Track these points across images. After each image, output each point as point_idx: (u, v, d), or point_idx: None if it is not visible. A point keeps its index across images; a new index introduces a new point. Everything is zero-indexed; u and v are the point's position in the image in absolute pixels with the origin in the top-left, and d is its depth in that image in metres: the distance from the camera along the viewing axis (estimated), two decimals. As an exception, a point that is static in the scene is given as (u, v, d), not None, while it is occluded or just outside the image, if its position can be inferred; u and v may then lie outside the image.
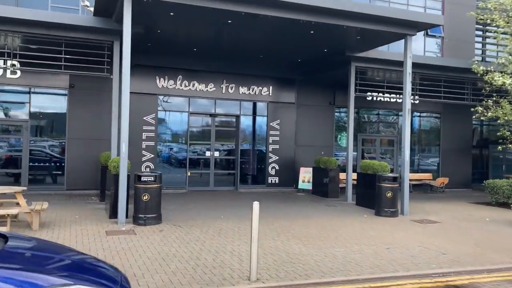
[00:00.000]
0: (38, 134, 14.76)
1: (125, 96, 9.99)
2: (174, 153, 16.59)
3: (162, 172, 16.03)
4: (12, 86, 14.22)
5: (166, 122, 16.26)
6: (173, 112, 16.26)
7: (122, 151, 9.81)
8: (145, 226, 9.61)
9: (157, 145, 15.86)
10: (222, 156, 17.06)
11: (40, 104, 14.64)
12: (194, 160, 16.75)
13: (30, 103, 14.43)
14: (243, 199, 14.62)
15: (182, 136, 16.58)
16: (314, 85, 17.80)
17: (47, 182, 14.78)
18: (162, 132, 16.28)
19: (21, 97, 14.42)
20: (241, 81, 16.69)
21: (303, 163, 17.37)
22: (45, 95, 14.75)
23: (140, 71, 15.43)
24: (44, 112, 14.75)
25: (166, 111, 16.09)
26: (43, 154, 14.70)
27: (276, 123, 17.31)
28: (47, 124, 14.83)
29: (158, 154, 16.10)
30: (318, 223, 10.67)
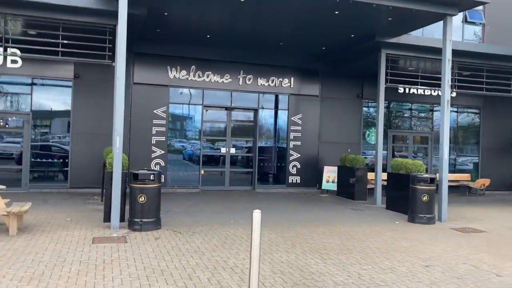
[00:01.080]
0: (41, 128, 13.77)
1: (120, 83, 8.79)
2: (187, 150, 15.36)
3: (173, 170, 15.03)
4: (13, 76, 13.27)
5: (178, 115, 15.04)
6: (186, 105, 15.03)
7: (116, 145, 8.61)
8: (141, 231, 8.39)
9: (168, 140, 14.67)
10: (239, 153, 15.75)
11: (43, 96, 13.65)
12: (208, 157, 15.49)
13: (32, 94, 13.45)
14: (260, 200, 13.26)
15: (195, 131, 15.34)
16: (340, 76, 16.27)
17: (50, 179, 13.80)
18: (174, 126, 15.07)
19: (22, 88, 13.45)
20: (259, 71, 15.33)
21: (328, 161, 15.89)
22: (48, 86, 13.74)
23: (149, 60, 14.27)
24: (47, 104, 13.75)
25: (178, 104, 14.87)
26: (45, 150, 13.71)
27: (298, 117, 15.87)
28: (50, 118, 13.82)
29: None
30: (341, 231, 9.21)
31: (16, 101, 13.38)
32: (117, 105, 8.70)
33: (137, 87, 14.19)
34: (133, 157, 13.99)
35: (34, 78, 13.43)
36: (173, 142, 15.07)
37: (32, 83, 13.45)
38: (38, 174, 13.60)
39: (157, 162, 14.32)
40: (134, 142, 14.11)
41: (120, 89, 8.72)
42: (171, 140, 14.96)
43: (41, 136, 13.77)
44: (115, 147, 8.60)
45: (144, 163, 14.09)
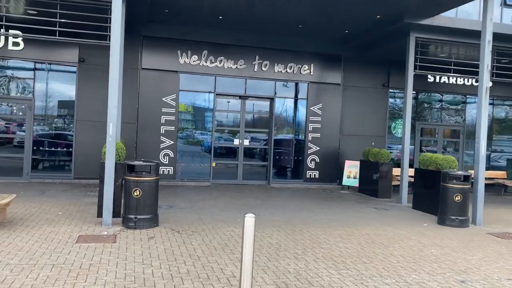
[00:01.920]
0: (44, 115, 13.05)
1: (114, 62, 7.85)
2: (197, 141, 14.45)
3: (183, 162, 14.15)
4: (15, 60, 12.57)
5: (188, 104, 14.12)
6: (197, 93, 14.09)
7: (109, 133, 7.71)
8: (135, 229, 7.50)
9: (178, 130, 13.76)
10: (253, 145, 14.75)
11: (46, 81, 12.90)
12: (220, 149, 14.55)
13: (35, 79, 12.73)
14: (273, 196, 12.26)
15: (206, 120, 14.40)
16: (364, 63, 15.05)
17: (53, 169, 13.08)
18: (184, 116, 14.16)
19: (24, 73, 12.74)
20: (276, 57, 14.25)
21: (349, 155, 14.76)
22: (52, 71, 12.98)
23: (158, 44, 13.37)
24: (51, 90, 13.01)
25: (189, 92, 13.94)
26: (48, 138, 12.99)
27: (317, 107, 14.75)
28: (53, 104, 13.09)
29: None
30: (362, 234, 8.13)
31: (18, 86, 12.68)
32: (111, 87, 7.79)
33: (145, 72, 13.32)
34: (140, 148, 13.18)
35: (37, 63, 12.70)
36: (183, 132, 14.16)
37: (34, 68, 12.72)
38: (40, 164, 12.90)
39: (166, 153, 13.45)
40: (142, 131, 13.28)
41: (114, 69, 7.80)
42: (181, 130, 14.05)
43: (44, 124, 13.05)
44: (108, 134, 7.70)
45: (152, 154, 13.25)
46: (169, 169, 13.46)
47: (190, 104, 14.14)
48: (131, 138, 13.16)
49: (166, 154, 13.45)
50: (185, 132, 14.21)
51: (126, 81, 12.93)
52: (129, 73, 13.09)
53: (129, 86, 13.11)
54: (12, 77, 12.65)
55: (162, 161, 13.39)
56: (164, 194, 11.53)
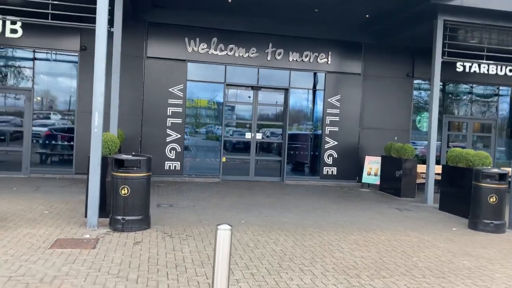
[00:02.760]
0: (43, 106, 12.38)
1: (100, 47, 7.02)
2: (207, 134, 13.59)
3: (191, 156, 13.32)
4: (13, 47, 11.92)
5: (196, 95, 13.24)
6: (206, 84, 13.20)
7: (94, 124, 6.88)
8: (122, 232, 6.67)
9: (186, 123, 12.91)
10: (266, 139, 13.79)
11: (46, 70, 12.22)
12: (231, 143, 13.65)
13: (34, 68, 12.05)
14: (286, 194, 11.30)
15: (216, 113, 13.52)
16: (386, 51, 13.89)
17: (54, 164, 12.43)
18: (192, 107, 13.28)
19: (23, 61, 12.09)
20: (291, 45, 13.23)
21: (370, 150, 13.66)
22: (52, 60, 12.28)
23: (165, 31, 12.53)
24: (51, 79, 12.33)
25: (197, 82, 13.06)
26: (49, 130, 12.32)
27: (335, 99, 13.68)
28: (53, 95, 12.40)
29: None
30: (381, 240, 7.11)
31: (16, 76, 12.03)
32: (97, 72, 6.96)
33: (151, 61, 12.50)
34: (145, 141, 12.41)
35: (36, 51, 12.01)
36: (191, 125, 13.31)
37: (34, 58, 12.04)
38: (40, 158, 12.24)
39: (173, 147, 12.62)
40: (147, 124, 12.48)
41: (100, 51, 6.98)
42: (189, 123, 13.20)
43: (44, 115, 12.39)
44: (93, 125, 6.88)
45: (158, 148, 12.45)
46: (175, 164, 12.65)
47: (199, 95, 13.26)
48: (135, 131, 12.39)
49: (172, 148, 12.62)
50: (193, 125, 13.35)
51: (130, 70, 12.20)
52: (134, 62, 12.31)
53: (134, 76, 12.34)
54: (9, 67, 12.00)
55: (169, 156, 12.58)
56: (168, 191, 10.71)
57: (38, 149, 12.17)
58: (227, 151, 13.38)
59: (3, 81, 11.94)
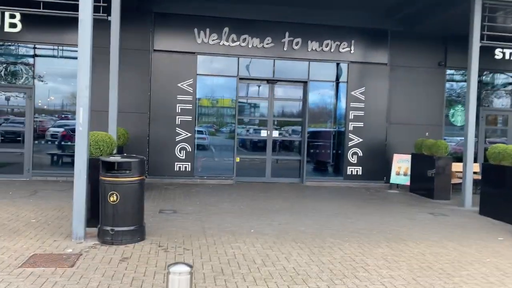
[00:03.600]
0: (45, 105, 11.67)
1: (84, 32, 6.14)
2: (219, 132, 12.65)
3: (203, 156, 12.41)
4: (12, 42, 11.25)
5: (207, 90, 12.30)
6: (217, 77, 12.26)
7: (78, 121, 6.01)
8: (112, 245, 5.78)
9: (196, 121, 12.00)
10: (284, 137, 12.75)
11: (48, 67, 11.49)
12: (245, 142, 12.69)
13: (35, 65, 11.35)
14: (306, 197, 10.26)
15: (228, 109, 12.56)
16: (415, 39, 12.65)
17: (56, 166, 11.70)
18: (203, 104, 12.35)
19: (23, 57, 11.41)
20: (310, 33, 12.15)
21: (398, 148, 12.47)
22: (53, 55, 11.57)
23: (172, 22, 11.65)
24: (53, 76, 11.60)
25: (208, 76, 12.13)
26: (51, 130, 11.62)
27: (359, 92, 12.54)
28: (56, 92, 11.68)
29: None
30: (414, 253, 6.01)
31: (16, 72, 11.35)
32: (82, 62, 6.08)
33: (158, 55, 11.64)
34: (153, 141, 11.58)
35: (37, 47, 11.32)
36: (202, 123, 12.39)
37: (34, 54, 11.35)
38: (41, 160, 11.53)
39: (183, 147, 11.73)
40: (155, 122, 11.63)
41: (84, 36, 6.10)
42: (199, 121, 12.28)
43: (46, 115, 11.68)
44: (77, 123, 6.00)
45: (167, 148, 11.61)
46: (186, 165, 11.76)
47: (210, 91, 12.33)
48: (142, 130, 11.56)
49: (182, 148, 11.74)
50: (204, 123, 12.43)
51: (136, 65, 11.41)
52: (139, 56, 11.49)
53: (140, 70, 11.52)
54: (9, 63, 11.32)
55: (179, 156, 11.71)
56: (175, 194, 9.83)
57: (40, 151, 11.46)
58: (241, 150, 12.42)
59: (2, 78, 11.27)
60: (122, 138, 9.39)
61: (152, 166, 11.58)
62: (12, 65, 11.32)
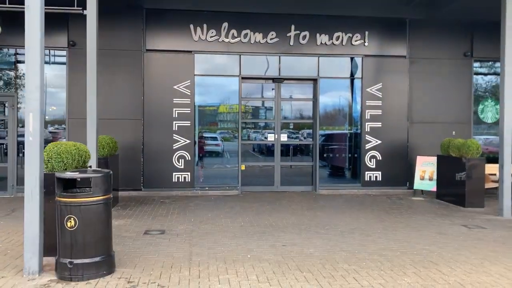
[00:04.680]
0: (30, 114, 10.71)
1: (32, 27, 5.07)
2: (220, 138, 11.51)
3: (204, 165, 11.28)
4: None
5: (206, 92, 11.19)
6: (217, 78, 11.13)
7: (27, 129, 4.92)
8: (71, 281, 4.67)
9: (195, 126, 10.90)
10: (293, 141, 11.53)
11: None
12: (250, 148, 11.52)
13: (16, 70, 10.42)
14: (318, 209, 9.02)
15: (230, 112, 11.42)
16: (437, 27, 11.35)
17: (45, 180, 10.70)
18: (202, 107, 11.23)
19: (3, 62, 10.48)
20: (319, 25, 10.96)
21: (422, 149, 11.16)
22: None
23: (166, 18, 10.60)
24: (38, 83, 10.64)
25: (206, 76, 11.02)
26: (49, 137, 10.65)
27: (376, 88, 11.26)
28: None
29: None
30: (450, 283, 4.72)
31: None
32: (30, 58, 5.00)
33: (151, 55, 10.59)
34: (148, 149, 10.53)
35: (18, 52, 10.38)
36: (202, 128, 11.27)
37: (16, 61, 10.41)
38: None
39: (181, 155, 10.63)
40: (149, 129, 10.57)
41: (32, 25, 5.02)
42: (199, 126, 11.17)
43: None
44: (27, 132, 4.91)
45: (164, 156, 10.54)
46: (185, 176, 10.65)
47: (209, 92, 11.21)
48: (136, 138, 10.50)
49: (181, 156, 10.64)
50: (204, 128, 11.31)
51: (127, 66, 10.41)
52: (130, 57, 10.48)
53: (131, 73, 10.49)
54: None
55: (177, 165, 10.61)
56: (170, 209, 8.71)
57: (26, 164, 10.48)
58: (246, 156, 11.25)
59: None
60: (106, 148, 8.33)
61: (148, 178, 10.51)
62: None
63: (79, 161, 5.89)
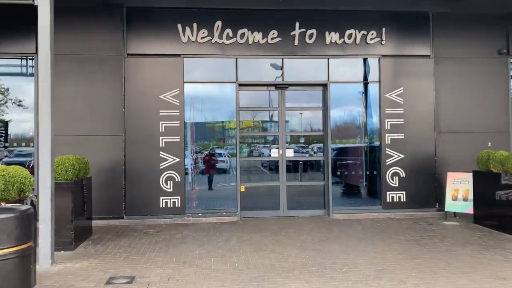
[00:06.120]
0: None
1: None
2: (215, 154, 9.93)
3: (196, 188, 9.70)
4: (-51, 56, 8.97)
5: (198, 102, 9.66)
6: (210, 85, 9.61)
7: None
8: None
9: (185, 140, 9.36)
10: (300, 157, 9.90)
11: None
12: (250, 166, 9.92)
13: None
14: (332, 241, 7.34)
15: (226, 125, 9.87)
16: (465, 21, 9.78)
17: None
18: (193, 119, 9.68)
19: (-36, 73, 9.12)
20: (327, 22, 9.44)
21: (452, 164, 9.51)
22: (3, 66, 9.23)
23: (150, 18, 9.15)
24: (2, 95, 9.22)
25: (198, 84, 9.50)
26: (2, 158, 9.19)
27: (396, 93, 9.65)
28: (9, 111, 9.26)
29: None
30: None
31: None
32: None
33: (133, 60, 9.11)
34: (130, 170, 8.99)
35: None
36: (193, 144, 9.72)
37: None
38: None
39: (169, 176, 9.07)
40: (132, 146, 9.04)
41: None
42: (190, 141, 9.62)
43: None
44: None
45: (149, 178, 9.00)
46: (174, 200, 9.07)
47: (201, 102, 9.69)
48: (117, 156, 8.98)
49: (169, 177, 9.07)
50: (196, 144, 9.76)
51: (105, 74, 9.01)
52: (108, 63, 9.03)
53: (110, 81, 9.03)
54: None
55: (165, 188, 9.04)
56: (150, 244, 7.11)
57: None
58: (246, 176, 9.65)
59: None
60: (71, 170, 6.80)
61: (130, 203, 8.96)
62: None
63: (10, 193, 4.35)
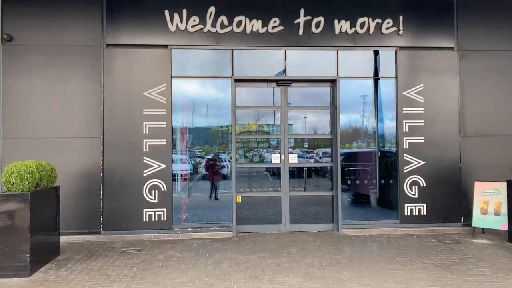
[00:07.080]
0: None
1: None
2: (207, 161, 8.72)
3: (185, 198, 8.43)
4: None
5: (187, 100, 8.45)
6: (202, 80, 8.40)
7: None
8: None
9: (173, 143, 8.16)
10: (305, 163, 8.66)
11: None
12: (248, 173, 8.68)
13: None
14: (343, 265, 6.10)
15: (221, 126, 8.66)
16: (493, 8, 8.58)
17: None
18: (181, 120, 8.48)
19: None
20: (336, 9, 8.24)
21: (480, 171, 8.27)
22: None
23: (132, 3, 7.97)
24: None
25: (187, 79, 8.29)
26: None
27: (415, 91, 8.42)
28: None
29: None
30: None
31: None
32: None
33: (113, 51, 7.93)
34: (109, 178, 7.80)
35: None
36: (181, 148, 8.51)
37: None
38: None
39: (154, 185, 7.86)
40: (111, 150, 7.84)
41: None
42: (178, 145, 8.42)
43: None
44: None
45: (130, 187, 7.79)
46: (159, 213, 7.86)
47: (191, 100, 8.48)
48: (94, 162, 7.79)
49: (154, 186, 7.86)
50: (185, 148, 8.55)
51: (80, 67, 7.83)
52: (85, 54, 7.86)
53: (86, 75, 7.86)
54: None
55: (148, 199, 7.84)
56: (125, 268, 5.91)
57: None
58: (241, 186, 8.43)
59: None
60: (27, 179, 5.62)
61: (109, 216, 7.76)
62: None
63: None
